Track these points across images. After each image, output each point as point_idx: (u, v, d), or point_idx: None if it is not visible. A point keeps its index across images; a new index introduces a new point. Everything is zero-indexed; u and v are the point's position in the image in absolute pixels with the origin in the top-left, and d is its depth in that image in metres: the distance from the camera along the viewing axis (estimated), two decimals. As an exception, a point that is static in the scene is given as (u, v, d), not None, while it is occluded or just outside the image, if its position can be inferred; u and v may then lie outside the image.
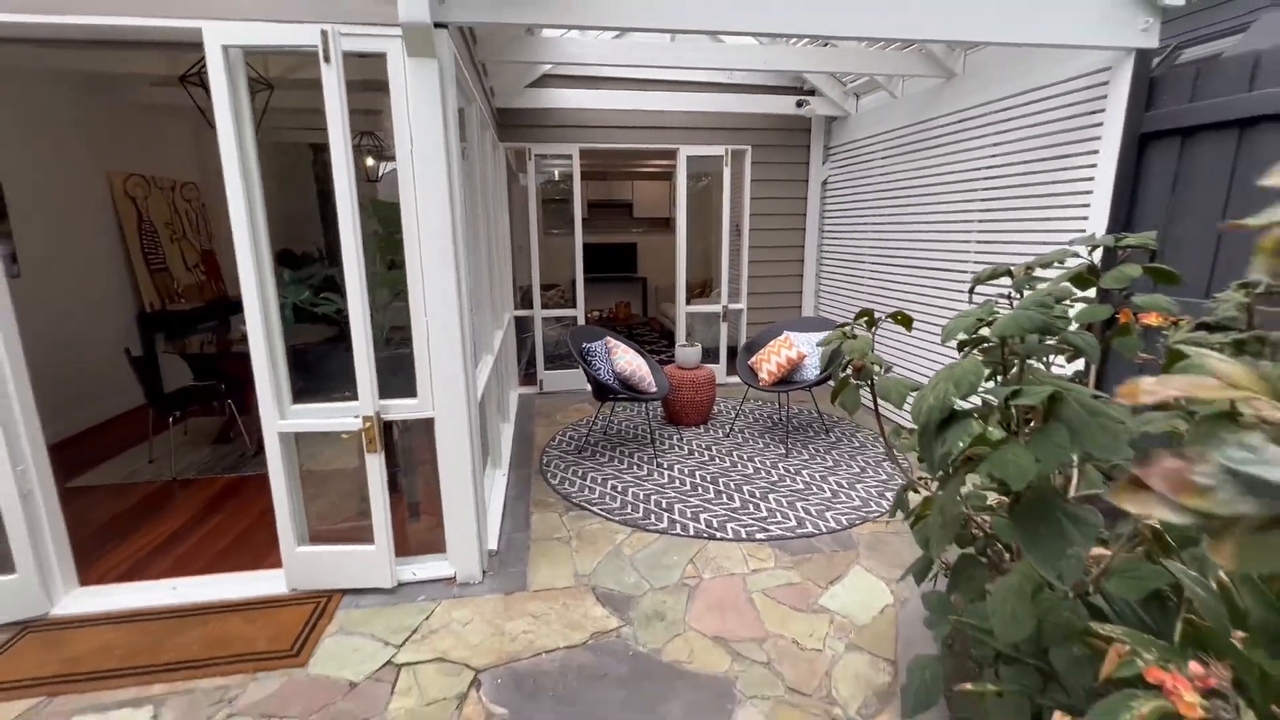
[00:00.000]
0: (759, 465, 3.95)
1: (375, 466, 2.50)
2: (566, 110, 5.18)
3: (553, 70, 4.94)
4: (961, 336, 1.49)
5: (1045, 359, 1.60)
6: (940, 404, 1.37)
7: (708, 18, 2.53)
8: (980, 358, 1.43)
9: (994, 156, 3.65)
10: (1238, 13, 2.92)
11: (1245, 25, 2.89)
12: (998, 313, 1.43)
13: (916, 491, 1.87)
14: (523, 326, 5.89)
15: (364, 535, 2.60)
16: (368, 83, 2.56)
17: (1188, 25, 3.09)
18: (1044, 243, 3.28)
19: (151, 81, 4.75)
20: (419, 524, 3.11)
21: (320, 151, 5.15)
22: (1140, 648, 0.97)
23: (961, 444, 1.35)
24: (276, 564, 2.69)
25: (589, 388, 5.70)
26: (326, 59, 2.17)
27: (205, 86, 4.04)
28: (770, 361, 4.33)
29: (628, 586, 2.67)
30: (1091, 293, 1.58)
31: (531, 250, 5.54)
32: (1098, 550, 1.37)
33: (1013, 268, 1.65)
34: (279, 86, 3.76)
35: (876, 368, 1.67)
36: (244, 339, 2.43)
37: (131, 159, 5.39)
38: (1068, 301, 1.47)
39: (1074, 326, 1.41)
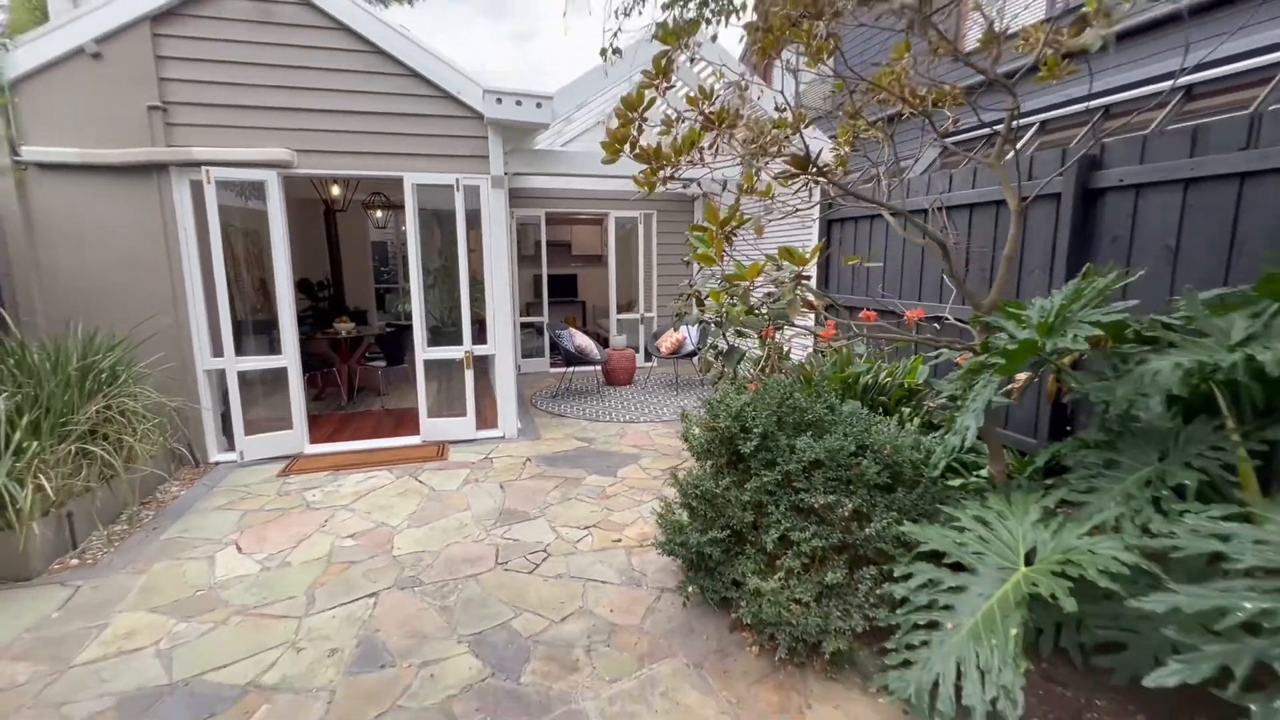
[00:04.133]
0: (661, 400, 6.85)
1: (469, 376, 5.19)
2: (536, 189, 8.07)
3: (529, 165, 7.81)
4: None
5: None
6: (697, 317, 4.33)
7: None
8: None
9: (781, 224, 6.80)
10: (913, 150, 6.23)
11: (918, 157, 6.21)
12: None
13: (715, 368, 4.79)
14: (504, 330, 8.58)
15: (460, 413, 5.27)
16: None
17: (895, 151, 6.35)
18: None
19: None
20: (482, 412, 5.76)
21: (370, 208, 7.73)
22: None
23: (713, 335, 4.31)
24: (410, 433, 5.31)
25: (553, 369, 8.46)
26: (457, 189, 4.94)
27: (322, 183, 6.67)
28: (666, 341, 7.29)
29: (591, 435, 5.46)
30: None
31: (513, 277, 8.29)
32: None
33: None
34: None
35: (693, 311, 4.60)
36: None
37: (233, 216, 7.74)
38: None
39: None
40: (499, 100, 4.75)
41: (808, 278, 2.59)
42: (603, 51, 3.09)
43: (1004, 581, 1.99)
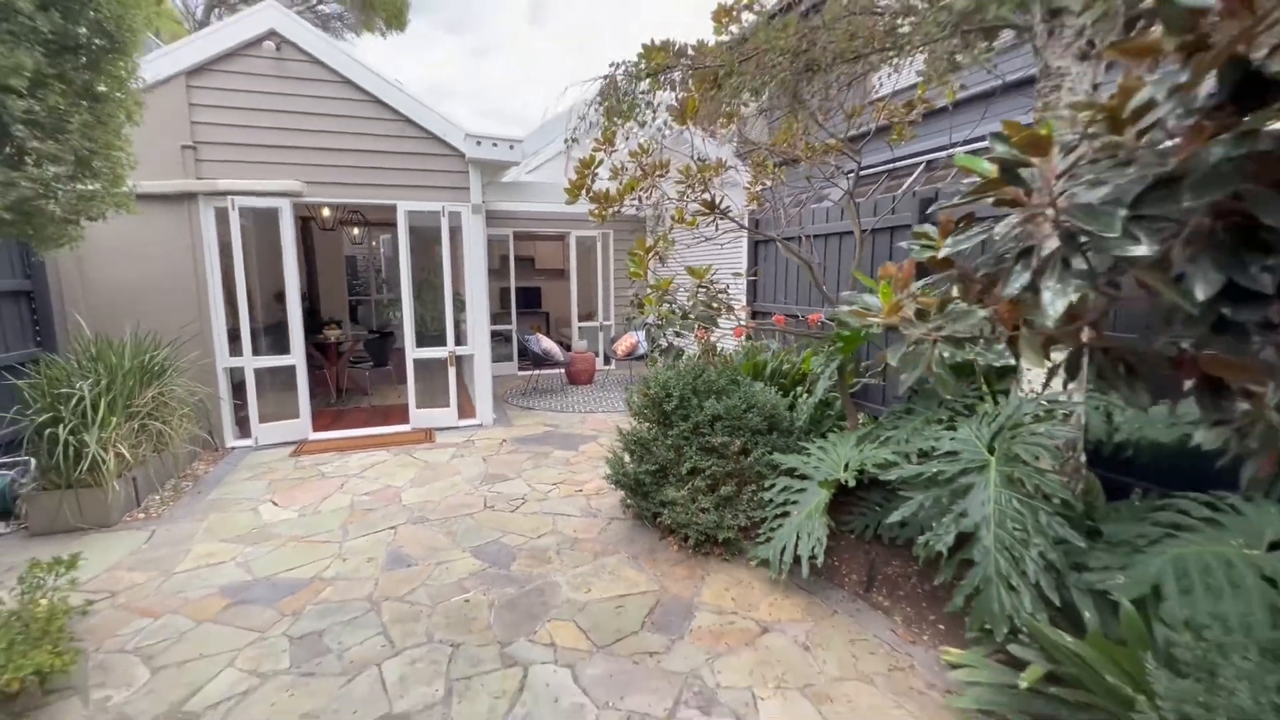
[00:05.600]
0: (617, 396, 7.87)
1: (452, 373, 6.11)
2: (505, 210, 9.04)
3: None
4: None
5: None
6: (642, 321, 5.39)
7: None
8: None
9: (718, 245, 7.94)
10: (820, 185, 7.42)
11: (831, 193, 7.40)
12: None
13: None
14: (476, 337, 9.46)
15: (444, 404, 6.17)
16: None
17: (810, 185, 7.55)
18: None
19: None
20: (462, 404, 6.66)
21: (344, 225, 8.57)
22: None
23: (656, 335, 5.36)
24: (399, 422, 6.18)
25: (521, 371, 9.39)
26: (443, 216, 5.89)
27: (316, 208, 7.47)
28: (622, 345, 8.32)
29: (556, 422, 6.44)
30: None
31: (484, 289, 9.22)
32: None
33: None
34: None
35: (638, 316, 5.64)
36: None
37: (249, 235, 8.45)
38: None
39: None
40: (478, 142, 5.74)
41: (723, 290, 3.66)
42: (565, 141, 4.13)
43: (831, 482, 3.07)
